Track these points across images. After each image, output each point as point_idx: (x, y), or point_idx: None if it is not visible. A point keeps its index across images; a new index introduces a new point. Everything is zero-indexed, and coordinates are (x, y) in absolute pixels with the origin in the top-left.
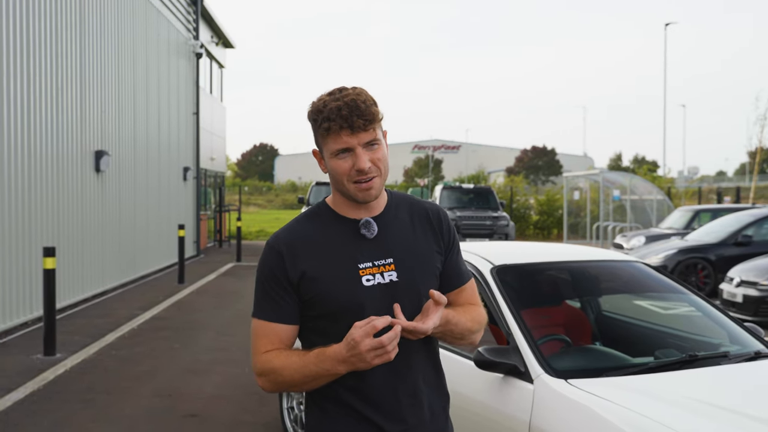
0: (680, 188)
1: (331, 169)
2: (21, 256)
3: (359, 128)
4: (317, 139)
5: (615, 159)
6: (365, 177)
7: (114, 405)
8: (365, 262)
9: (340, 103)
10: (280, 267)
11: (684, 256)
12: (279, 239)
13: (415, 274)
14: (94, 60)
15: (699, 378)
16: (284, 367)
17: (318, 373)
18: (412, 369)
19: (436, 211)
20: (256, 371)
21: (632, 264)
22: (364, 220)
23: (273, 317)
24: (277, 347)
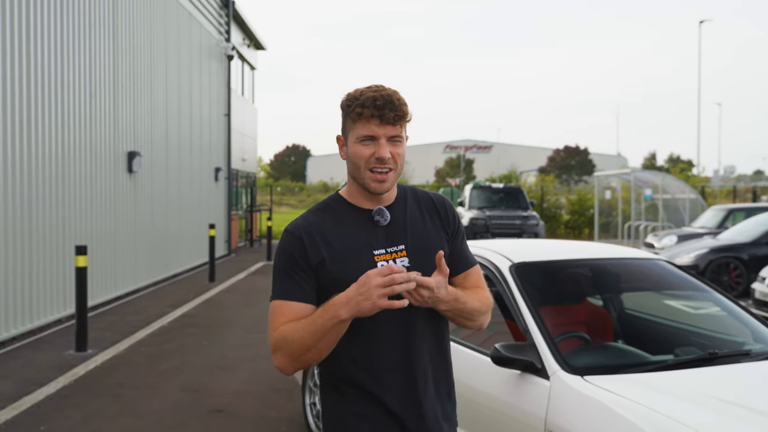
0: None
1: (352, 154)
2: (55, 255)
3: (388, 121)
4: (345, 125)
5: (649, 158)
6: (383, 167)
7: (142, 400)
8: (379, 249)
9: (377, 94)
10: (301, 252)
11: (716, 255)
12: (298, 226)
13: (425, 259)
14: (127, 63)
15: (719, 376)
16: (293, 331)
17: (323, 325)
18: (421, 352)
19: (441, 200)
20: (271, 348)
21: (654, 262)
22: (377, 208)
23: (293, 296)
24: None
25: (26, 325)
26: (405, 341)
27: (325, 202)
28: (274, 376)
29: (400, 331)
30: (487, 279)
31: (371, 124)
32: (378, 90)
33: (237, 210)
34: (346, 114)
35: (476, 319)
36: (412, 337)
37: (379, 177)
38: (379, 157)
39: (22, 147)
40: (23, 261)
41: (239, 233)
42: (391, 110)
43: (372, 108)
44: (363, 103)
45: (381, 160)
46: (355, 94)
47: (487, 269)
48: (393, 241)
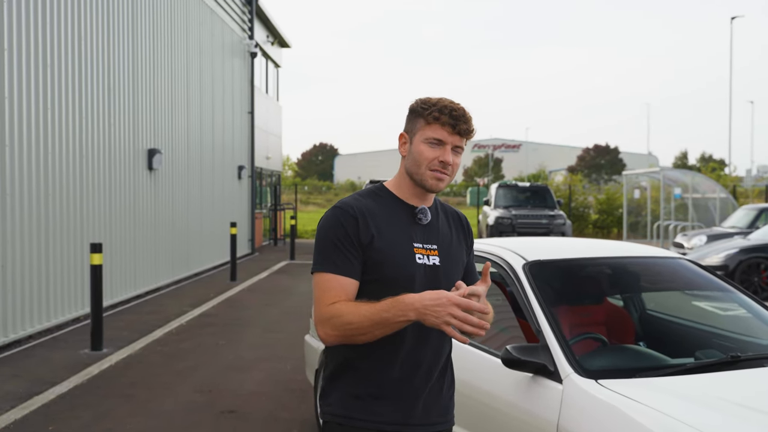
0: (747, 187)
1: (417, 151)
2: (73, 253)
3: (459, 132)
4: (415, 125)
5: (680, 157)
6: (444, 170)
7: (154, 400)
8: (417, 243)
9: (454, 105)
10: (354, 228)
11: (746, 255)
12: (352, 205)
13: (451, 263)
14: (147, 60)
15: (740, 380)
16: (353, 312)
17: (388, 319)
18: (438, 348)
19: (464, 217)
20: (320, 321)
21: (676, 261)
22: (422, 207)
23: (342, 271)
24: (342, 300)
25: (43, 323)
26: (426, 340)
27: (370, 190)
28: (289, 377)
29: (427, 331)
30: (500, 278)
31: (444, 130)
32: (453, 102)
33: (261, 209)
34: (418, 114)
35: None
36: (434, 338)
37: (439, 175)
38: (443, 161)
39: (38, 144)
40: (40, 259)
41: (263, 232)
42: (464, 122)
43: (449, 116)
44: (441, 110)
45: (444, 164)
46: (431, 100)
47: (500, 267)
48: (428, 239)
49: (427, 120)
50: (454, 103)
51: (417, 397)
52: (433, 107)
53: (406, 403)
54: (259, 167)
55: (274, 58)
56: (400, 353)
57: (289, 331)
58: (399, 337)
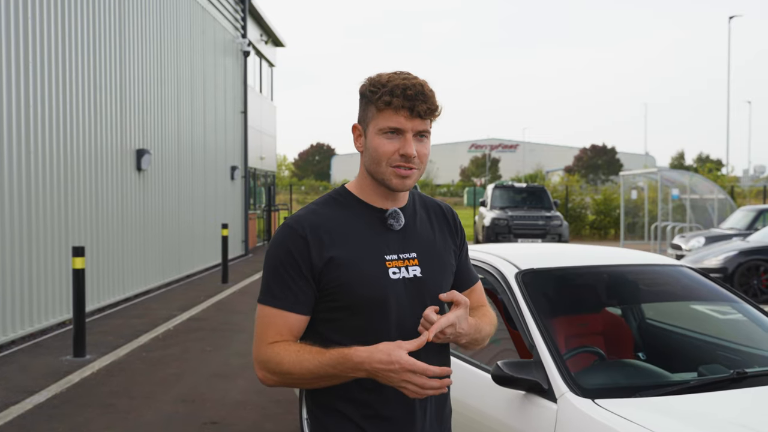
0: (745, 187)
1: (372, 147)
2: (57, 256)
3: (418, 114)
4: (366, 114)
5: (677, 158)
6: (408, 164)
7: (134, 410)
8: (391, 254)
9: (408, 83)
10: (303, 252)
11: (745, 258)
12: (301, 222)
13: (436, 271)
14: (135, 58)
15: (747, 399)
16: (293, 362)
17: (334, 375)
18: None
19: (450, 209)
20: (258, 361)
21: (677, 268)
22: (393, 210)
23: (286, 305)
24: (285, 339)
25: (26, 328)
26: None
27: (330, 196)
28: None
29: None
30: (492, 287)
31: (399, 116)
32: (408, 78)
33: (255, 209)
34: (368, 101)
35: (485, 343)
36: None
37: (403, 172)
38: (404, 154)
39: (20, 144)
40: (23, 262)
41: (258, 233)
42: (423, 102)
43: (402, 98)
44: (392, 91)
45: (406, 158)
46: (380, 80)
47: (492, 276)
48: (405, 247)
49: (378, 106)
50: (409, 79)
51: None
52: (382, 89)
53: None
54: (252, 167)
55: (267, 57)
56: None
57: None
58: None
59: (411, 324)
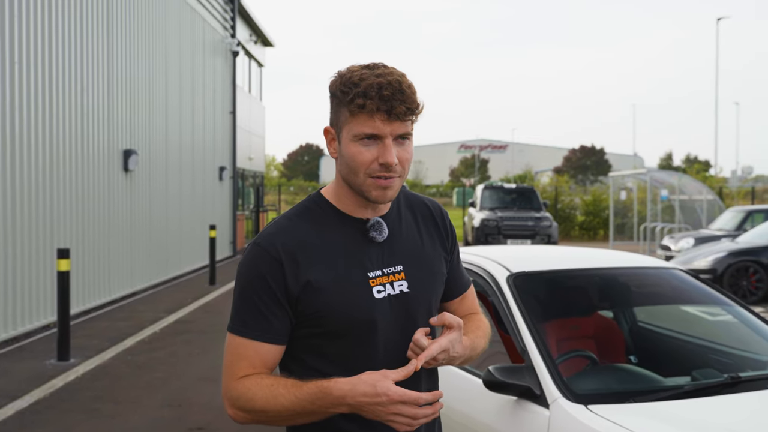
0: (733, 188)
1: (347, 155)
2: (42, 258)
3: (397, 116)
4: (338, 116)
5: (665, 158)
6: (387, 174)
7: (119, 416)
8: (374, 271)
9: (383, 80)
10: (276, 276)
11: (735, 259)
12: (273, 241)
13: (425, 283)
14: (123, 58)
15: (742, 405)
16: (267, 400)
17: (313, 411)
18: (418, 386)
19: (438, 208)
20: (227, 398)
21: (669, 271)
22: (374, 220)
23: (259, 335)
24: (258, 371)
25: (9, 331)
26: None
27: (304, 205)
28: None
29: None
30: (482, 290)
31: (375, 120)
32: (382, 74)
33: (243, 210)
34: (339, 102)
35: (478, 357)
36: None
37: (383, 183)
38: (384, 163)
39: (5, 144)
40: (6, 264)
41: (246, 234)
42: (401, 102)
43: (378, 99)
44: (365, 93)
45: (386, 167)
46: (352, 78)
47: (482, 279)
48: (389, 261)
49: (351, 110)
50: (384, 76)
51: None
52: (354, 89)
53: None
54: (241, 168)
55: (257, 57)
56: None
57: None
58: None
59: (400, 345)
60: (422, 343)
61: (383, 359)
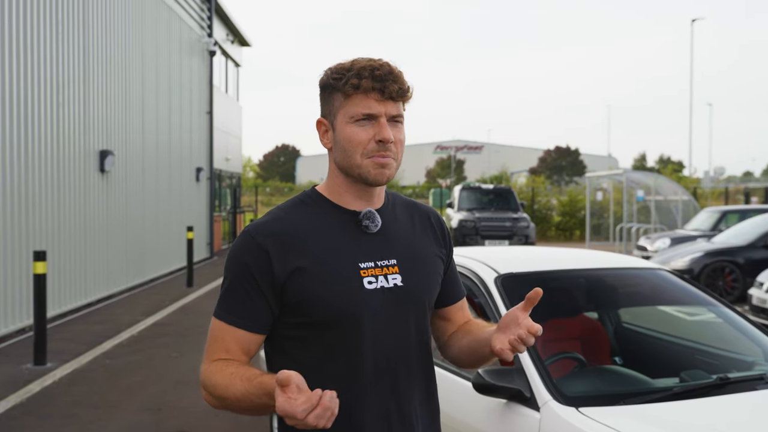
0: (706, 189)
1: (344, 137)
2: (18, 260)
3: (390, 96)
4: (332, 104)
5: (639, 159)
6: (384, 152)
7: (98, 420)
8: (366, 262)
9: (374, 63)
10: (262, 265)
11: (711, 259)
12: (263, 230)
13: (420, 280)
14: (99, 57)
15: (732, 406)
16: (226, 383)
17: (261, 405)
18: (408, 391)
19: (436, 215)
20: (201, 380)
21: (654, 272)
22: (367, 210)
23: (237, 321)
24: (233, 357)
25: None
26: (393, 380)
27: (298, 198)
28: None
29: (389, 376)
30: (470, 291)
31: (370, 99)
32: (372, 60)
33: (220, 211)
34: (333, 89)
35: None
36: (403, 375)
37: (381, 160)
38: (381, 139)
39: None
40: None
41: (223, 235)
42: (393, 81)
43: (371, 79)
44: (359, 74)
45: (383, 143)
46: (344, 66)
47: (470, 281)
48: (383, 254)
49: (346, 92)
50: (374, 61)
51: None
52: (348, 73)
53: None
54: (218, 169)
55: (234, 57)
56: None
57: None
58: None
59: (389, 341)
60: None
61: (369, 356)
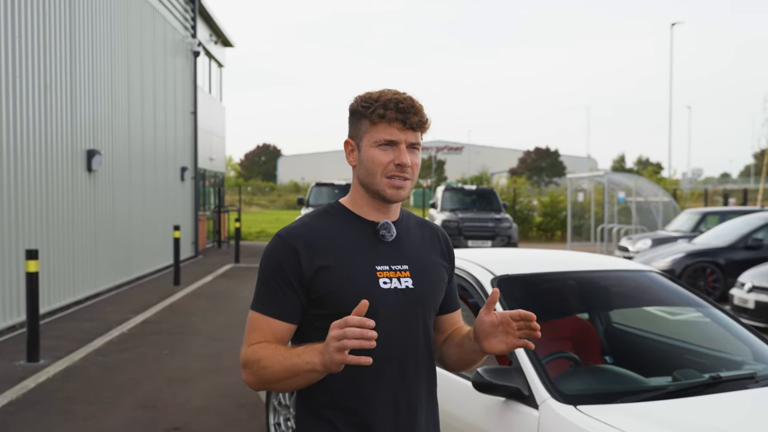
0: (685, 190)
1: (368, 158)
2: (8, 258)
3: (411, 126)
4: (359, 128)
5: (618, 160)
6: (402, 174)
7: (94, 417)
8: (382, 265)
9: (399, 97)
10: (292, 263)
11: (692, 260)
12: (294, 233)
13: (428, 284)
14: (85, 58)
15: (725, 404)
16: (268, 357)
17: (297, 365)
18: (415, 381)
19: (444, 233)
20: (242, 362)
21: (645, 274)
22: (384, 221)
23: (272, 312)
24: (268, 341)
25: None
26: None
27: (323, 209)
28: (238, 390)
29: (398, 366)
30: (467, 293)
31: (393, 128)
32: (398, 93)
33: (204, 210)
34: (361, 116)
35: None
36: (411, 365)
37: (398, 183)
38: (399, 164)
39: None
40: None
41: (207, 234)
42: (414, 114)
43: (395, 111)
44: (385, 105)
45: (401, 167)
46: (372, 96)
47: (467, 282)
48: (397, 259)
49: (372, 120)
50: (399, 94)
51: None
52: (375, 104)
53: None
54: (202, 168)
55: (217, 57)
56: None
57: (236, 340)
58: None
59: (400, 336)
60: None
61: (380, 347)
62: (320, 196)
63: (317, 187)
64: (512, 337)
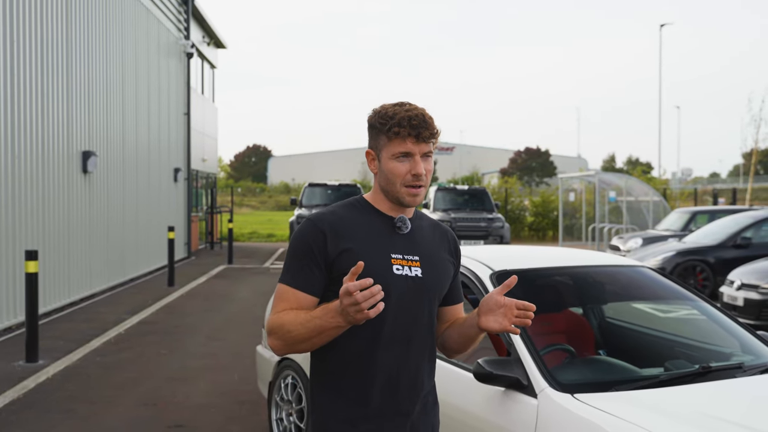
0: (675, 190)
1: (388, 170)
2: (5, 259)
3: (423, 139)
4: (377, 142)
5: (609, 160)
6: (418, 182)
7: (96, 415)
8: (397, 254)
9: (411, 113)
10: (320, 244)
11: (682, 258)
12: (322, 219)
13: (435, 275)
14: (81, 60)
15: (714, 392)
16: (292, 321)
17: (322, 326)
18: (418, 359)
19: (452, 234)
20: (268, 329)
21: (637, 269)
22: (401, 216)
23: (298, 284)
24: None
25: None
26: (405, 350)
27: (349, 201)
28: (237, 388)
29: (404, 343)
30: (466, 287)
31: (407, 142)
32: (410, 109)
33: (197, 211)
34: (379, 131)
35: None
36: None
37: (414, 191)
38: (415, 174)
39: None
40: None
41: (199, 235)
42: (426, 128)
43: (408, 127)
44: (400, 123)
45: (417, 177)
46: (388, 113)
47: (466, 277)
48: (410, 250)
49: (389, 136)
50: (411, 110)
51: (405, 417)
52: (390, 121)
53: (392, 424)
54: (195, 169)
55: (210, 58)
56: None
57: (233, 339)
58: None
59: (407, 318)
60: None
61: (389, 327)
62: (313, 196)
63: (310, 187)
64: (507, 321)
